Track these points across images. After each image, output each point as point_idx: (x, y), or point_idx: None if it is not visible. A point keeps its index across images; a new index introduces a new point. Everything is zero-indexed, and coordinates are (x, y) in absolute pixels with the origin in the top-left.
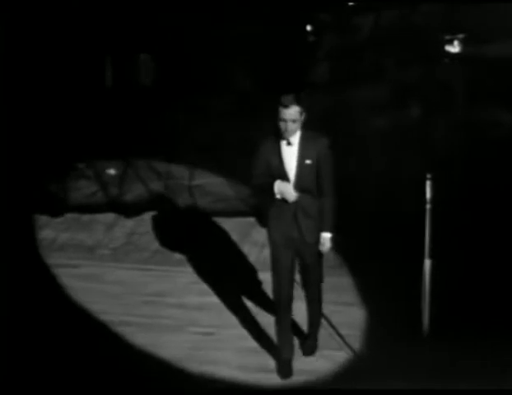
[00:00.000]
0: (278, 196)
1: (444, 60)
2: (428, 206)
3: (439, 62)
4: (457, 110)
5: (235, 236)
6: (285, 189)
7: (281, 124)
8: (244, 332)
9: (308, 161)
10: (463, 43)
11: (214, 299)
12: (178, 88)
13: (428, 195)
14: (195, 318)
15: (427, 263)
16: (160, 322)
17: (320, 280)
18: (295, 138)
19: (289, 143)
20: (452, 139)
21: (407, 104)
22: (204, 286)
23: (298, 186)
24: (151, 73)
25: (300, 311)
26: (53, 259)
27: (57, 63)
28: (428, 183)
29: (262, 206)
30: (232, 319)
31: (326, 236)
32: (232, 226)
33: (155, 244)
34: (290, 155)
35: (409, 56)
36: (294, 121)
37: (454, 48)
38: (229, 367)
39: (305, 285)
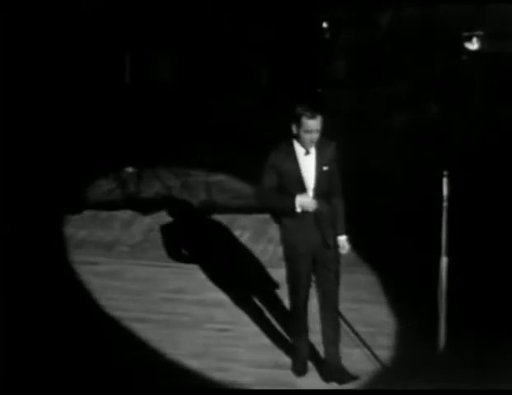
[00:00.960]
0: (299, 209)
1: (463, 57)
2: (445, 204)
3: (458, 59)
4: (475, 107)
5: (251, 233)
6: (307, 203)
7: (307, 136)
8: (258, 329)
9: (325, 168)
10: (481, 40)
11: (230, 296)
12: (196, 85)
13: (445, 192)
14: (212, 314)
15: (444, 261)
16: (177, 318)
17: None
18: (312, 147)
19: (307, 152)
20: (470, 136)
21: (425, 101)
22: (221, 283)
23: (317, 193)
24: (169, 70)
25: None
26: (71, 256)
27: (77, 61)
28: (445, 181)
29: (273, 216)
30: (248, 316)
31: (343, 238)
32: (248, 223)
33: (173, 241)
34: (307, 163)
35: (428, 52)
36: (318, 131)
37: (473, 45)
38: (244, 363)
39: (325, 294)
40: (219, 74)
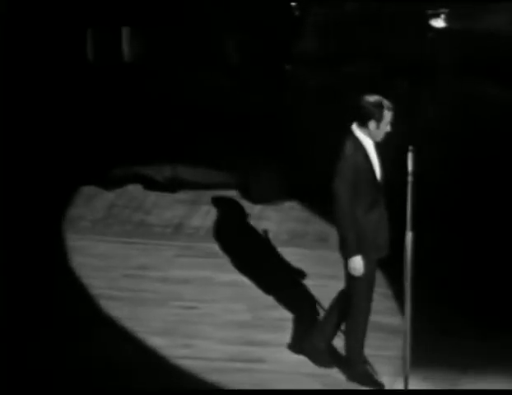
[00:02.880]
0: (350, 264)
1: (430, 34)
2: (410, 179)
3: (424, 37)
4: (442, 84)
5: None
6: (358, 266)
7: (386, 128)
8: (227, 306)
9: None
10: (447, 17)
11: (198, 273)
12: (163, 62)
13: (410, 167)
14: (177, 291)
15: (409, 236)
16: (142, 296)
17: None
18: None
19: (375, 145)
20: (436, 112)
21: (393, 79)
22: (186, 260)
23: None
24: (134, 47)
25: None
26: (34, 230)
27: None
28: (410, 156)
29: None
30: (216, 293)
31: None
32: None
33: (138, 217)
34: (373, 156)
35: (395, 30)
36: None
37: (439, 22)
38: (212, 340)
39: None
40: (189, 52)
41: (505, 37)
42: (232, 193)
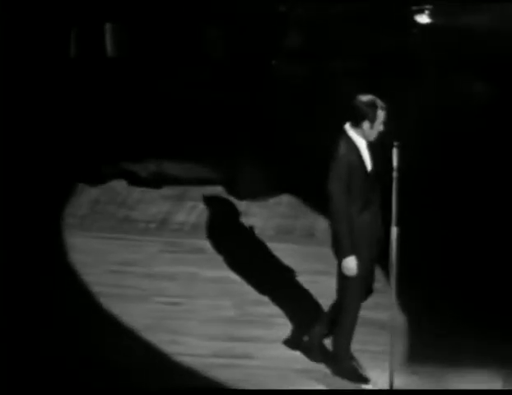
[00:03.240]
0: (343, 263)
1: (414, 30)
2: (395, 174)
3: (409, 33)
4: (428, 79)
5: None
6: (352, 266)
7: (380, 127)
8: (210, 302)
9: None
10: (431, 13)
11: (182, 269)
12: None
13: (395, 163)
14: (162, 287)
15: (394, 231)
16: (126, 291)
17: None
18: None
19: (367, 145)
20: (421, 108)
21: (378, 74)
22: (170, 256)
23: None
24: (118, 43)
25: None
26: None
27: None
28: (395, 151)
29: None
30: (199, 290)
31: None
32: (200, 195)
33: (122, 213)
34: (367, 155)
35: (380, 26)
36: None
37: (423, 18)
38: (197, 336)
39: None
40: (173, 47)
41: (487, 34)
42: (218, 189)
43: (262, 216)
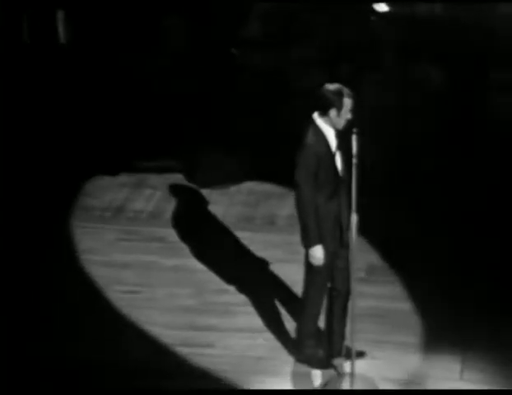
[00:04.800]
0: (310, 253)
1: (373, 18)
2: (354, 161)
3: (368, 21)
4: (386, 67)
5: (162, 192)
6: (319, 256)
7: (347, 115)
8: (169, 291)
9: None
10: (390, 2)
11: (140, 258)
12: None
13: (355, 149)
14: (120, 276)
15: (354, 218)
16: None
17: None
18: None
19: (336, 134)
20: (380, 95)
21: (337, 62)
22: (128, 244)
23: (344, 178)
24: (72, 31)
25: None
26: None
27: None
28: (354, 138)
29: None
30: (157, 278)
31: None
32: (160, 182)
33: (79, 200)
34: (335, 147)
35: (340, 15)
36: None
37: (381, 7)
38: (159, 325)
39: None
40: (132, 34)
41: (446, 21)
42: (178, 177)
43: (222, 204)
